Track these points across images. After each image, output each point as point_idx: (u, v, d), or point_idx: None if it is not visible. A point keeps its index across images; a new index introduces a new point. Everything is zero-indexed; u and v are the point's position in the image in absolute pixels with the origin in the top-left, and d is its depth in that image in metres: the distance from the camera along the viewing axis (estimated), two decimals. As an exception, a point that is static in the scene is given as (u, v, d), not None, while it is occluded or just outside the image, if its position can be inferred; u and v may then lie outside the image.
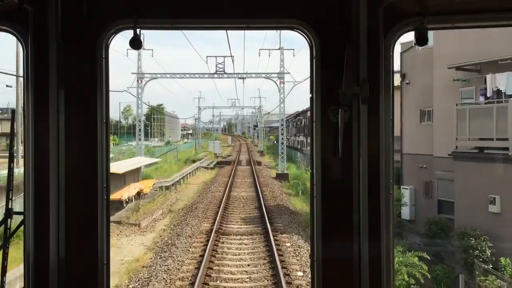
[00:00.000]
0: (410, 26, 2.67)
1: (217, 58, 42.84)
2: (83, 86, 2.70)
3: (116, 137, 76.84)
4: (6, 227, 2.76)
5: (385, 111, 2.66)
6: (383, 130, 2.65)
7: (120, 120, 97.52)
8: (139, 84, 43.58)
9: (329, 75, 2.66)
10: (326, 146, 2.67)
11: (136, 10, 2.65)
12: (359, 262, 2.63)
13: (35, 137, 2.66)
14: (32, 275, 2.67)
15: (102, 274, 2.73)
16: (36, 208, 2.66)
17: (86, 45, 2.69)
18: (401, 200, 22.76)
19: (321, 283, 2.70)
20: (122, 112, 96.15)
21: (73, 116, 2.69)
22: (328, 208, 2.69)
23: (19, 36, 2.69)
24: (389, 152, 2.69)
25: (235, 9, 2.74)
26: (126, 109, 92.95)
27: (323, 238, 2.70)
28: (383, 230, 2.66)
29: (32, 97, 2.66)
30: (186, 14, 2.74)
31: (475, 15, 2.67)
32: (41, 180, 2.65)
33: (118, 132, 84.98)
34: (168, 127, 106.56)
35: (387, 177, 2.66)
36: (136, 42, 2.69)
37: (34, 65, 2.66)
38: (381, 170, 2.65)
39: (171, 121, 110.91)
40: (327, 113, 2.64)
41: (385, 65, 2.66)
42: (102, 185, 2.73)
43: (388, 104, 2.68)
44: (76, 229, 2.71)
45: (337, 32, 2.65)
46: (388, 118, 2.68)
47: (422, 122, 25.99)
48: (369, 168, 2.62)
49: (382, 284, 2.67)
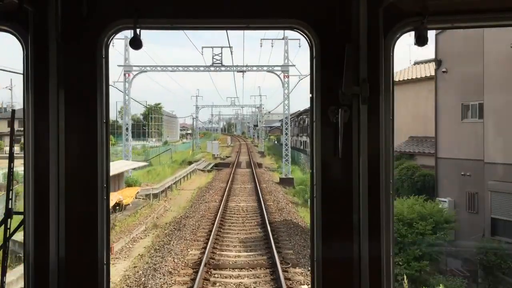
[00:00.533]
0: (410, 26, 2.67)
1: (213, 49, 38.37)
2: (83, 86, 2.72)
3: (113, 137, 73.21)
4: (6, 227, 2.75)
5: (385, 111, 2.68)
6: (383, 130, 2.67)
7: (117, 119, 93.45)
8: (126, 78, 38.46)
9: (329, 75, 2.67)
10: (326, 146, 2.69)
11: (136, 10, 2.66)
12: (359, 262, 2.63)
13: (35, 137, 2.67)
14: (32, 275, 2.68)
15: (102, 274, 2.73)
16: (36, 208, 2.67)
17: (86, 45, 2.71)
18: (453, 221, 17.30)
19: (321, 283, 2.71)
20: (119, 111, 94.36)
21: (73, 116, 2.71)
22: (328, 208, 2.71)
23: (19, 36, 2.72)
24: (389, 152, 2.70)
25: (235, 9, 2.75)
26: (123, 108, 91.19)
27: (323, 238, 2.71)
28: (383, 230, 2.66)
29: (32, 97, 2.68)
30: (186, 14, 2.76)
31: (475, 15, 2.68)
32: (41, 180, 2.66)
33: (115, 132, 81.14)
34: (167, 127, 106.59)
35: (387, 177, 2.69)
36: (136, 42, 2.70)
37: (34, 65, 2.68)
38: (381, 170, 2.66)
39: (170, 121, 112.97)
40: (327, 113, 2.66)
41: (385, 65, 2.68)
42: (102, 185, 2.74)
43: (388, 104, 2.69)
44: (76, 229, 2.72)
45: (337, 32, 2.67)
46: (388, 118, 2.70)
47: (465, 119, 20.95)
48: (369, 168, 2.63)
49: (382, 284, 2.66)
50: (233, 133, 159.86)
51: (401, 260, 14.97)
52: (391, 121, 2.72)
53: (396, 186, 21.08)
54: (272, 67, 39.63)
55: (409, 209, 16.43)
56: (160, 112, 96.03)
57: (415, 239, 15.92)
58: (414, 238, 15.92)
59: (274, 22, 2.86)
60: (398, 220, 15.86)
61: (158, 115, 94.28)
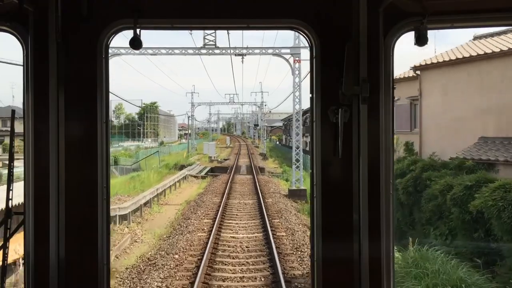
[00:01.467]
0: (410, 26, 2.68)
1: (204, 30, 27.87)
2: (83, 86, 2.71)
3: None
4: (6, 227, 2.75)
5: (385, 111, 2.67)
6: (383, 130, 2.67)
7: (111, 119, 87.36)
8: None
9: (330, 75, 2.67)
10: (326, 146, 2.68)
11: (136, 10, 2.67)
12: (359, 262, 2.62)
13: (35, 137, 2.68)
14: (32, 275, 2.68)
15: (102, 274, 2.73)
16: (36, 208, 2.67)
17: (86, 45, 2.71)
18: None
19: (321, 283, 2.70)
20: (114, 111, 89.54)
21: (73, 115, 2.70)
22: (328, 208, 2.70)
23: (19, 36, 2.72)
24: (389, 152, 2.69)
25: (235, 9, 2.75)
26: (118, 107, 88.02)
27: (323, 238, 2.70)
28: (383, 230, 2.66)
29: (32, 97, 2.67)
30: (186, 14, 2.75)
31: (474, 15, 2.68)
32: (41, 180, 2.66)
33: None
34: (164, 127, 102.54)
35: (387, 177, 2.68)
36: (136, 42, 2.70)
37: (34, 65, 2.69)
38: (381, 170, 2.66)
39: (167, 120, 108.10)
40: (327, 113, 2.65)
41: (385, 65, 2.68)
42: (102, 185, 2.74)
43: (388, 104, 2.68)
44: (76, 229, 2.71)
45: (337, 32, 2.67)
46: (388, 118, 2.69)
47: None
48: (369, 168, 2.62)
49: (382, 284, 2.65)
50: (233, 133, 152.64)
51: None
52: (391, 121, 2.71)
53: (489, 217, 12.42)
54: (279, 49, 31.27)
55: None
56: (156, 111, 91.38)
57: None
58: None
59: (275, 22, 2.85)
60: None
61: (154, 115, 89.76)
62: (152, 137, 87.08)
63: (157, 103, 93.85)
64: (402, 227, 17.90)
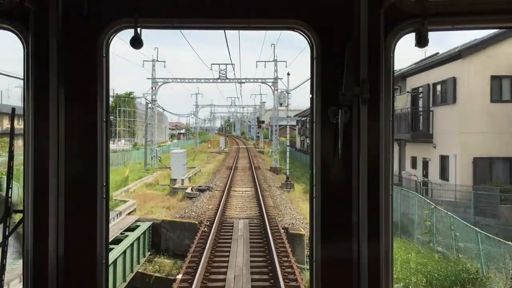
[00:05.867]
0: (411, 27, 2.65)
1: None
2: (83, 85, 2.70)
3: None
4: (5, 225, 2.74)
5: (385, 111, 2.67)
6: (383, 130, 2.66)
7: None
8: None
9: (329, 75, 2.65)
10: (326, 146, 2.67)
11: (137, 9, 2.65)
12: (359, 263, 2.62)
13: (35, 136, 2.67)
14: (31, 273, 2.67)
15: (101, 272, 2.72)
16: (35, 206, 2.67)
17: (86, 44, 2.68)
18: None
19: (320, 284, 2.69)
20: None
21: (73, 115, 2.69)
22: (328, 208, 2.69)
23: (19, 35, 2.71)
24: (389, 152, 2.69)
25: (235, 9, 2.71)
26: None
27: (323, 239, 2.69)
28: (383, 231, 2.65)
29: (32, 96, 2.66)
30: (186, 14, 2.71)
31: (475, 17, 2.65)
32: (41, 178, 2.65)
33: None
34: (147, 125, 72.54)
35: (386, 177, 2.68)
36: (137, 41, 2.65)
37: (34, 64, 2.66)
38: (380, 171, 2.66)
39: (152, 117, 76.16)
40: (327, 114, 2.64)
41: (386, 66, 2.66)
42: (102, 184, 2.73)
43: (388, 104, 2.68)
44: (75, 227, 2.70)
45: (338, 33, 2.65)
46: (388, 119, 2.69)
47: None
48: (369, 168, 2.63)
49: (381, 285, 2.65)
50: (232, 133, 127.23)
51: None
52: (391, 121, 2.71)
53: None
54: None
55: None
56: (133, 104, 70.84)
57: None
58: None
59: (275, 22, 2.82)
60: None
61: (130, 108, 69.45)
62: (127, 137, 70.29)
63: (134, 93, 72.67)
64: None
